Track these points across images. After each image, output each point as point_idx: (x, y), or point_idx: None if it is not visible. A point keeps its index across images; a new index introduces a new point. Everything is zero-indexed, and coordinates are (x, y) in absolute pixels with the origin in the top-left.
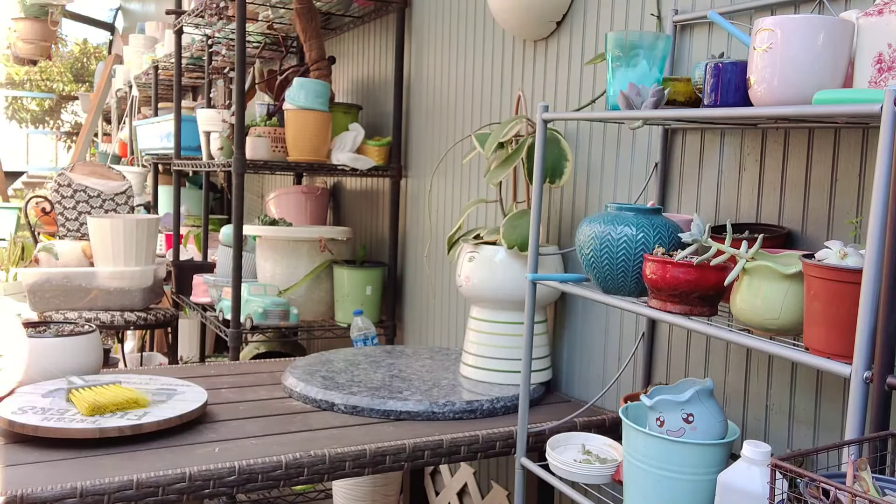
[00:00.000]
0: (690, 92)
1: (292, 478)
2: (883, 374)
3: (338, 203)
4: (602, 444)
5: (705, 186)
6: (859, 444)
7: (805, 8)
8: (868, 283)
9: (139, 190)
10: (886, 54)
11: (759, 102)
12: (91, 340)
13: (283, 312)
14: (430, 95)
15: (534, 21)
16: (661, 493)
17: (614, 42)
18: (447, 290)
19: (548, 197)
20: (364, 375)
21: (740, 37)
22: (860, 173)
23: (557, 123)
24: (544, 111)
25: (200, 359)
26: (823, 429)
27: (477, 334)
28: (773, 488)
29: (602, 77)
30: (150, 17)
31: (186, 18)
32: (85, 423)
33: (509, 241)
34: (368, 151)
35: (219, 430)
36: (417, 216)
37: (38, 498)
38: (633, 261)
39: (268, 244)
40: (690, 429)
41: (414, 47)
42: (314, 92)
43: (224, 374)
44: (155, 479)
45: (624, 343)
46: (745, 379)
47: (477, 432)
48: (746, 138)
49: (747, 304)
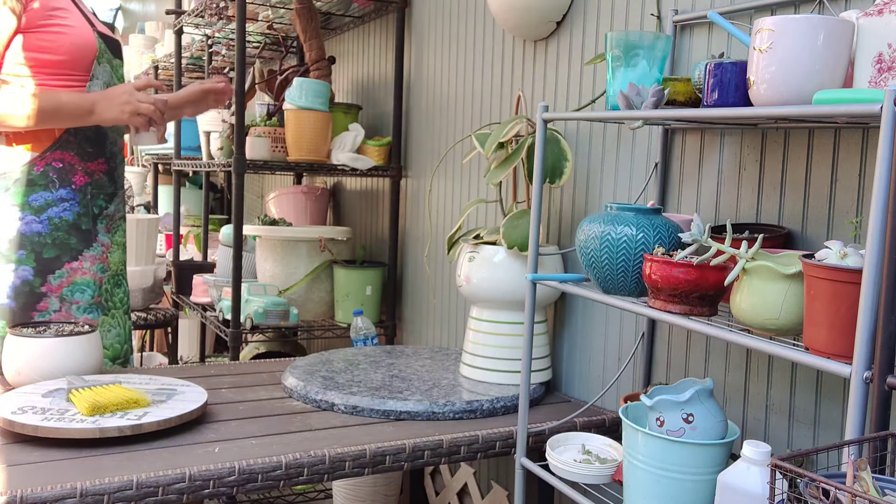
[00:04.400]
0: (690, 92)
1: (292, 478)
2: (883, 374)
3: (338, 203)
4: (602, 444)
5: (705, 186)
6: (859, 444)
7: (805, 8)
8: (868, 283)
9: (139, 190)
10: (886, 54)
11: (759, 102)
12: (91, 340)
13: (283, 312)
14: (430, 95)
15: (534, 21)
16: (661, 493)
17: (614, 42)
18: (447, 290)
19: (548, 197)
20: (364, 375)
21: (740, 37)
22: (860, 173)
23: (557, 123)
24: (544, 111)
25: (200, 359)
26: (823, 429)
27: (477, 334)
28: (773, 488)
29: (602, 77)
30: (150, 17)
31: (186, 18)
32: (85, 423)
33: (509, 241)
34: (368, 151)
35: (219, 430)
36: (417, 216)
37: (38, 498)
38: (633, 261)
39: (268, 244)
40: (690, 429)
41: (414, 47)
42: (314, 92)
43: (224, 374)
44: (155, 479)
45: (624, 343)
46: (745, 379)
47: (477, 432)
48: (746, 138)
49: (747, 304)
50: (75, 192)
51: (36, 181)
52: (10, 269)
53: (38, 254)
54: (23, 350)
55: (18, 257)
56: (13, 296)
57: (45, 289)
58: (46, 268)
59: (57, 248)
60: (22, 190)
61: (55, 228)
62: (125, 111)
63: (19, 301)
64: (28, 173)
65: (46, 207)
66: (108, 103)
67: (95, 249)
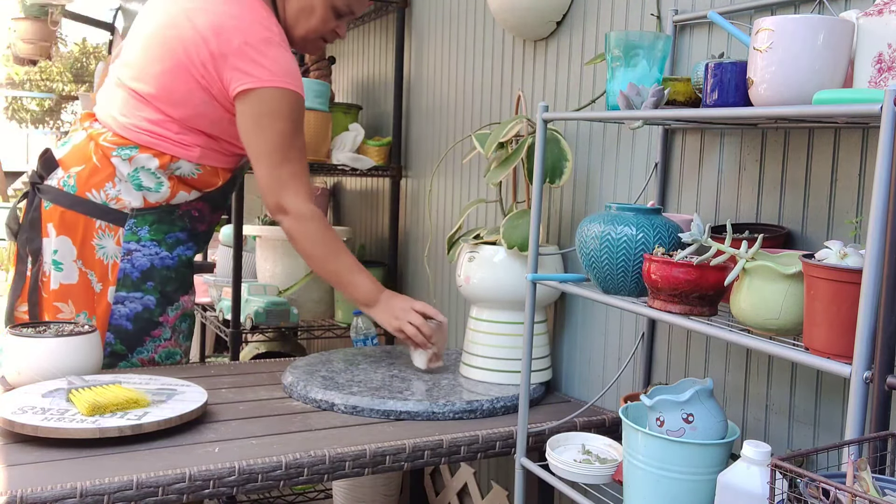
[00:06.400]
0: (690, 92)
1: (292, 478)
2: (883, 374)
3: (338, 203)
4: (602, 444)
5: (705, 186)
6: (859, 444)
7: (805, 8)
8: (868, 283)
9: None
10: (886, 54)
11: (759, 102)
12: (91, 340)
13: (283, 312)
14: (430, 95)
15: (534, 21)
16: (660, 493)
17: (614, 42)
18: (447, 290)
19: (548, 197)
20: (364, 375)
21: (740, 37)
22: (860, 173)
23: (557, 123)
24: (544, 111)
25: (200, 359)
26: (823, 429)
27: (477, 334)
28: (773, 488)
29: (602, 77)
30: None
31: None
32: (85, 423)
33: (509, 241)
34: (368, 151)
35: (219, 430)
36: (417, 216)
37: (38, 498)
38: (633, 261)
39: (268, 244)
40: (690, 429)
41: (414, 47)
42: (314, 92)
43: (224, 374)
44: (155, 479)
45: (624, 343)
46: (745, 379)
47: (477, 432)
48: (746, 138)
49: (747, 304)
50: (196, 236)
51: (175, 221)
52: (137, 296)
53: (164, 287)
54: (23, 350)
55: (147, 287)
56: (132, 319)
57: (162, 319)
58: (167, 300)
59: (177, 283)
60: (164, 227)
61: (181, 265)
62: (392, 325)
63: (136, 325)
64: (173, 213)
65: (177, 245)
66: (386, 305)
67: (193, 284)
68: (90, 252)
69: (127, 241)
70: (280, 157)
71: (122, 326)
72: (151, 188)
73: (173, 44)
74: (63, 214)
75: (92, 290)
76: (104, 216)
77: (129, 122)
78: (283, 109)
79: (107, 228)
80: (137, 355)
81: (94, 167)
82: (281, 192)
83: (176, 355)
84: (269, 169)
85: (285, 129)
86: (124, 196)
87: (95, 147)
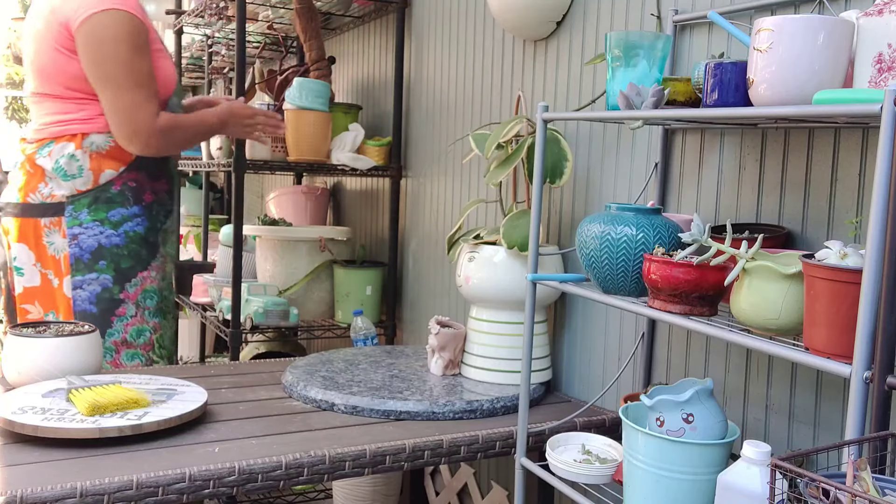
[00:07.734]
0: (690, 92)
1: (292, 478)
2: (883, 374)
3: (338, 203)
4: (602, 444)
5: (705, 186)
6: (859, 444)
7: (805, 8)
8: (868, 283)
9: None
10: (886, 54)
11: (759, 102)
12: (91, 340)
13: (283, 312)
14: (430, 95)
15: (534, 21)
16: (660, 493)
17: (614, 42)
18: (447, 290)
19: (548, 197)
20: (364, 375)
21: (740, 37)
22: (860, 173)
23: (557, 123)
24: (544, 111)
25: (200, 359)
26: (823, 429)
27: (477, 334)
28: (773, 488)
29: (602, 77)
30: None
31: (186, 18)
32: (85, 423)
33: (509, 241)
34: (368, 151)
35: (219, 430)
36: (417, 216)
37: (38, 498)
38: (633, 261)
39: (268, 244)
40: (690, 429)
41: (414, 47)
42: (314, 92)
43: (224, 374)
44: (155, 479)
45: (624, 343)
46: (745, 379)
47: (477, 432)
48: (746, 138)
49: (747, 303)
50: (144, 209)
51: (114, 199)
52: (92, 277)
53: (117, 264)
54: (23, 350)
55: (100, 267)
56: (95, 302)
57: (122, 296)
58: (124, 277)
59: (132, 259)
60: (103, 206)
61: (130, 241)
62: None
63: (100, 307)
64: (108, 191)
65: (123, 222)
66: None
67: (158, 260)
68: (43, 252)
69: (70, 227)
70: (121, 84)
71: (87, 311)
72: (76, 174)
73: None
74: (15, 223)
75: (53, 288)
76: (45, 213)
77: (39, 124)
78: (119, 34)
79: (51, 224)
80: (110, 338)
81: (29, 175)
82: (131, 123)
83: (146, 332)
84: (113, 100)
85: (121, 52)
86: (56, 191)
87: (25, 159)
